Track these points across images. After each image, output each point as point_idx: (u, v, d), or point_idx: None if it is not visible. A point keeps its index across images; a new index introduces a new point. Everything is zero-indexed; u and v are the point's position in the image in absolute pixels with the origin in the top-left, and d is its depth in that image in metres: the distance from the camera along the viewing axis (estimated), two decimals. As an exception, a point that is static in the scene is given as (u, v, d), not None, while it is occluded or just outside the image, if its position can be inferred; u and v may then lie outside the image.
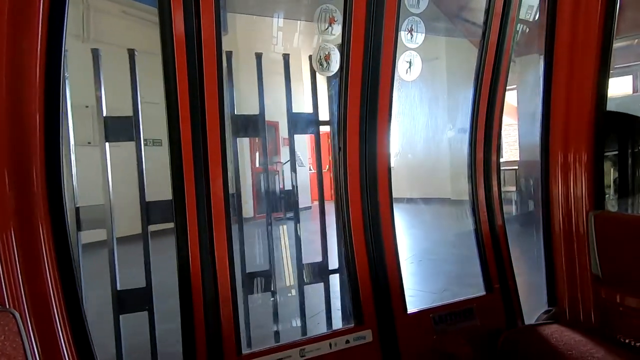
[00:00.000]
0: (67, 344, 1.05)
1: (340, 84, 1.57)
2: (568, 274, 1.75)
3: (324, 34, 1.53)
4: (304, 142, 8.84)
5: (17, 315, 0.90)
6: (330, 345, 1.50)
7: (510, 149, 8.73)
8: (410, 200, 7.98)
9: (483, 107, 1.83)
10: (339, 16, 1.52)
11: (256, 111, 1.83)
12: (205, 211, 1.35)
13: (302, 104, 2.17)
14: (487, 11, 1.73)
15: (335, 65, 1.57)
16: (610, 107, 1.77)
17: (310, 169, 10.54)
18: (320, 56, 1.55)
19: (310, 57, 1.61)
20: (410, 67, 1.71)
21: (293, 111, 1.88)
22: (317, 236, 1.93)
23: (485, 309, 1.78)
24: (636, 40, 5.99)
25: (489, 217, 1.86)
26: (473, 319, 1.75)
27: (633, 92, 6.69)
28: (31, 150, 1.03)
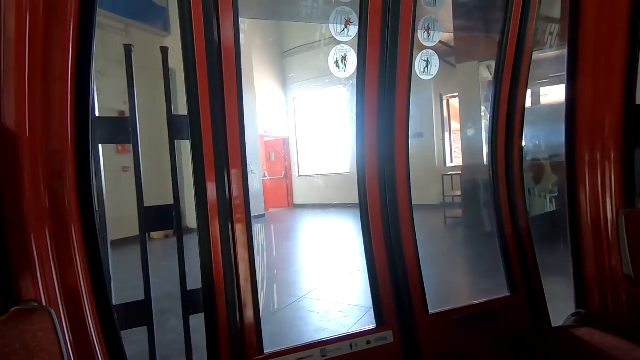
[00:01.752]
0: (98, 338, 1.10)
1: (358, 84, 1.58)
2: (598, 274, 1.68)
3: (340, 35, 1.54)
4: (254, 149, 8.83)
5: (53, 312, 0.95)
6: (351, 345, 1.51)
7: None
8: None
9: (504, 106, 1.79)
10: (354, 18, 1.53)
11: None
12: (227, 214, 1.38)
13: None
14: (506, 9, 1.70)
15: (352, 67, 1.58)
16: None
17: (265, 176, 10.47)
18: (337, 58, 1.56)
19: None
20: (427, 66, 1.70)
21: (173, 113, 1.51)
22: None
23: (509, 311, 1.74)
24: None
25: (512, 216, 1.81)
26: (497, 321, 1.71)
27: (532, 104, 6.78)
28: (64, 154, 1.08)
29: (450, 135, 9.49)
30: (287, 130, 11.24)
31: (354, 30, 1.53)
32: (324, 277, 4.62)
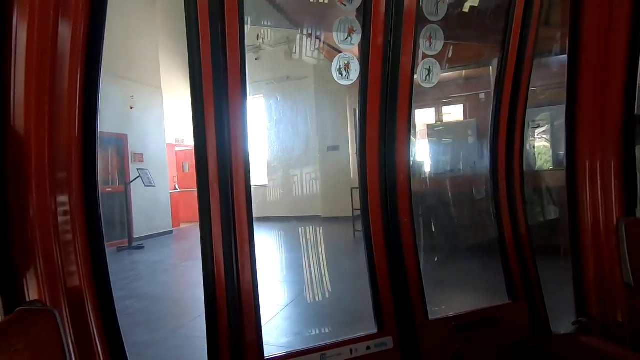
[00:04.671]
0: (100, 339, 1.11)
1: (360, 92, 1.60)
2: (598, 283, 1.68)
3: (343, 43, 1.56)
4: (159, 159, 8.49)
5: (57, 313, 0.96)
6: (351, 351, 1.51)
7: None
8: (283, 219, 7.60)
9: (504, 113, 1.81)
10: (357, 26, 1.55)
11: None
12: (230, 217, 1.39)
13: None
14: (507, 17, 1.72)
15: (354, 74, 1.60)
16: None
17: (176, 188, 10.11)
18: (340, 65, 1.58)
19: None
20: (429, 74, 1.72)
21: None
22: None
23: (510, 318, 1.73)
24: (464, 72, 6.08)
25: (513, 223, 1.82)
26: (497, 328, 1.70)
27: (464, 119, 7.10)
28: (70, 154, 1.09)
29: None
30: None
31: (356, 38, 1.56)
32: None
